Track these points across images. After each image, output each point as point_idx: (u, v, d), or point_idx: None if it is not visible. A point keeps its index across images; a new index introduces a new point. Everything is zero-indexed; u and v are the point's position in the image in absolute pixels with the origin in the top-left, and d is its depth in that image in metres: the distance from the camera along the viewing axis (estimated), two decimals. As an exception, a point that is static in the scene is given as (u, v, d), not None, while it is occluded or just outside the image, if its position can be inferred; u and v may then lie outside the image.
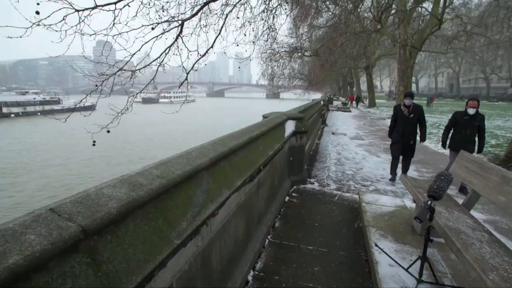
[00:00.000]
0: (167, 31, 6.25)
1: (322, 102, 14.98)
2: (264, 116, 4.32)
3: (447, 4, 18.08)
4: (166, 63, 6.66)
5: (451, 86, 75.68)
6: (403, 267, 2.32)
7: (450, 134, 4.93)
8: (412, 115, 5.04)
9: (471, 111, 4.49)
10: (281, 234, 3.17)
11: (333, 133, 11.32)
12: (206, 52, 6.62)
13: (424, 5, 19.36)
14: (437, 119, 18.21)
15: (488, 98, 58.63)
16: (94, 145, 5.08)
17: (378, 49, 26.77)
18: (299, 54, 20.00)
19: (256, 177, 2.65)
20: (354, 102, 32.70)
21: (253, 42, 13.11)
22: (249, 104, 68.13)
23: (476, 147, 4.63)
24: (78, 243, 0.86)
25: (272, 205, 3.47)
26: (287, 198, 4.08)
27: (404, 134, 5.08)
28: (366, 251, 2.85)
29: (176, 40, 6.59)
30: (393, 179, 5.36)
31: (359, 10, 17.64)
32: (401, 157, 5.29)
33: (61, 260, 0.81)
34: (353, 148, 8.48)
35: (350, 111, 23.66)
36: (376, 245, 2.66)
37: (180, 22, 6.55)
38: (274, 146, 3.30)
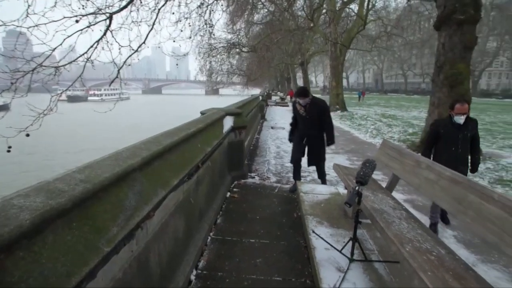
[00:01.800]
0: (94, 24, 5.74)
1: (260, 97, 15.29)
2: (202, 113, 4.26)
3: (370, 6, 19.80)
4: (95, 59, 6.13)
5: (376, 82, 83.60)
6: (337, 249, 2.50)
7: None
8: (309, 116, 4.07)
9: (461, 119, 3.11)
10: (223, 230, 3.18)
11: (272, 128, 11.66)
12: (139, 47, 6.26)
13: (351, 6, 20.95)
14: (365, 112, 19.89)
15: (406, 92, 66.27)
16: (9, 151, 4.46)
17: (312, 46, 28.21)
18: (237, 50, 20.09)
19: (194, 175, 2.60)
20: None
21: (190, 37, 12.76)
22: (187, 101, 66.31)
23: (468, 166, 3.32)
24: (-21, 264, 0.75)
25: (213, 202, 3.45)
26: (228, 193, 4.10)
27: (302, 137, 4.21)
28: (305, 238, 3.00)
29: (104, 34, 6.10)
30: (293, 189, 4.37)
31: (293, 8, 18.34)
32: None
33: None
34: (292, 141, 8.82)
35: (288, 106, 24.56)
36: (313, 231, 2.82)
37: (108, 15, 6.06)
38: (213, 143, 3.27)
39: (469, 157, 3.30)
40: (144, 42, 6.35)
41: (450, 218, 3.64)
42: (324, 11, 19.36)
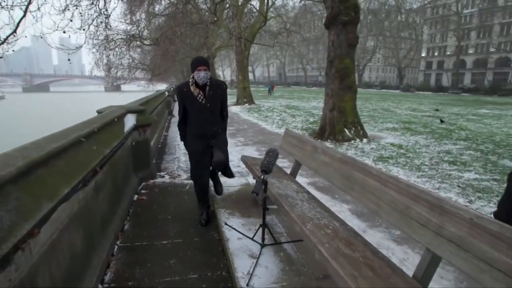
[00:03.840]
0: None
1: (167, 93, 14.68)
2: (99, 111, 3.87)
3: (270, 4, 20.84)
4: None
5: (280, 75, 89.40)
6: (249, 237, 2.60)
7: None
8: (210, 104, 2.86)
9: None
10: (132, 236, 2.96)
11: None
12: (8, 37, 5.23)
13: (253, 2, 21.69)
14: (271, 104, 21.00)
15: (306, 84, 72.79)
16: None
17: (218, 40, 28.27)
18: (138, 42, 18.75)
19: (92, 180, 2.34)
20: None
21: (82, 29, 11.32)
22: (83, 99, 59.09)
23: None
24: None
25: (118, 207, 3.18)
26: (136, 196, 3.83)
27: (204, 136, 2.96)
28: (218, 231, 3.03)
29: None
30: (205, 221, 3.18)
31: (196, 1, 17.99)
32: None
33: None
34: (202, 136, 8.75)
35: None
36: (225, 223, 2.87)
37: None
38: (112, 143, 3.00)
39: None
40: (15, 32, 5.34)
41: (342, 193, 4.14)
42: (227, 5, 19.57)
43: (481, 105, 24.17)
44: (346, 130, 8.44)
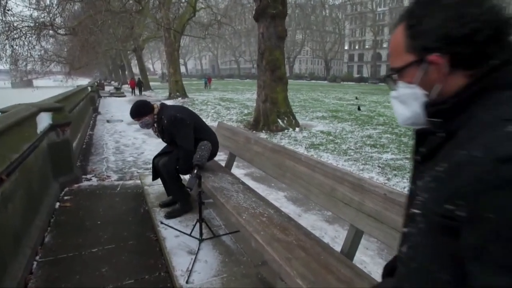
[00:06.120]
0: None
1: (90, 88, 13.42)
2: (3, 111, 3.36)
3: (198, -6, 20.25)
4: None
5: (213, 67, 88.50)
6: (186, 234, 2.55)
7: None
8: (164, 138, 3.05)
9: None
10: (55, 249, 2.67)
11: (108, 121, 10.54)
12: None
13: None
14: (205, 97, 20.68)
15: (240, 76, 73.31)
16: None
17: (145, 31, 26.67)
18: (50, 31, 16.68)
19: (-4, 191, 2.04)
20: (136, 88, 25.16)
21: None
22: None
23: None
24: None
25: (36, 219, 2.83)
26: (57, 204, 3.45)
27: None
28: (155, 231, 2.90)
29: None
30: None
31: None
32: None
33: None
34: (132, 133, 8.27)
35: (125, 96, 22.65)
36: (161, 222, 2.77)
37: None
38: (22, 147, 2.64)
39: None
40: None
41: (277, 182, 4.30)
42: (153, -6, 18.52)
43: (395, 93, 27.14)
44: (279, 120, 8.76)
